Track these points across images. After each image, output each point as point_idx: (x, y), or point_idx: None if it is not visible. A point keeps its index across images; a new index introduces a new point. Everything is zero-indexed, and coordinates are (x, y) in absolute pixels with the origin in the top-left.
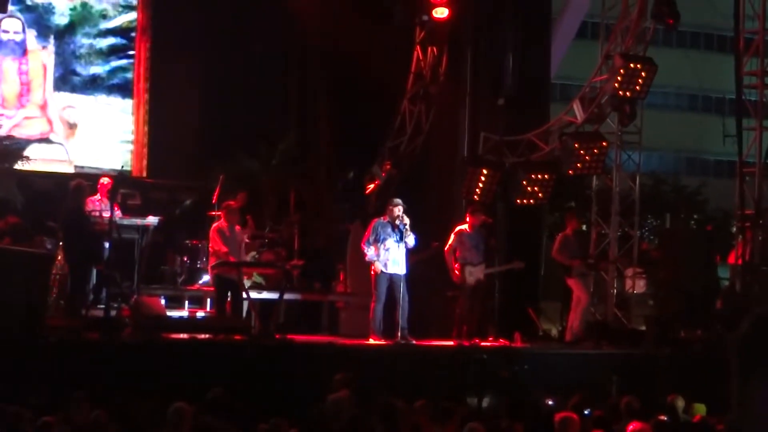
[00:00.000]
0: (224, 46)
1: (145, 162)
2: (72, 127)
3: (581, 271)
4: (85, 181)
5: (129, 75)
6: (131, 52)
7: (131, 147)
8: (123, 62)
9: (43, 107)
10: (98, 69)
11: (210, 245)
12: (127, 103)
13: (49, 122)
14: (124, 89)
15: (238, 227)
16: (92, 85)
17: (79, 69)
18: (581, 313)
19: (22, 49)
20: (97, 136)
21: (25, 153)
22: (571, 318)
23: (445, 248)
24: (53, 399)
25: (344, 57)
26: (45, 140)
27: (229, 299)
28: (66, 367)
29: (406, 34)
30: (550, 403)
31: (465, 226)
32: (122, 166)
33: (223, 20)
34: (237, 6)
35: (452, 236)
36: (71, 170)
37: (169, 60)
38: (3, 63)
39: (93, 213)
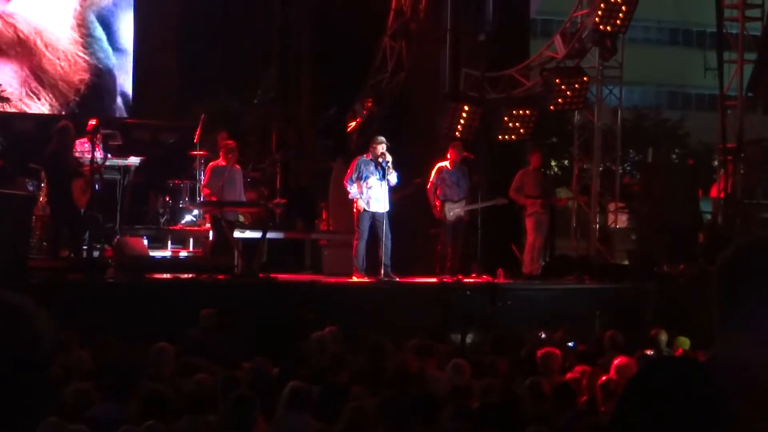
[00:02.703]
0: None
1: None
2: None
3: (535, 211)
4: (71, 122)
5: None
6: None
7: None
8: None
9: None
10: None
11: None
12: None
13: None
14: None
15: (237, 166)
16: None
17: None
18: (536, 255)
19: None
20: None
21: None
22: (526, 259)
23: (427, 185)
24: None
25: None
26: None
27: (212, 238)
28: (49, 308)
29: None
30: (543, 336)
31: (446, 163)
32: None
33: None
34: None
35: (433, 173)
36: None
37: (149, 1)
38: None
39: (80, 155)
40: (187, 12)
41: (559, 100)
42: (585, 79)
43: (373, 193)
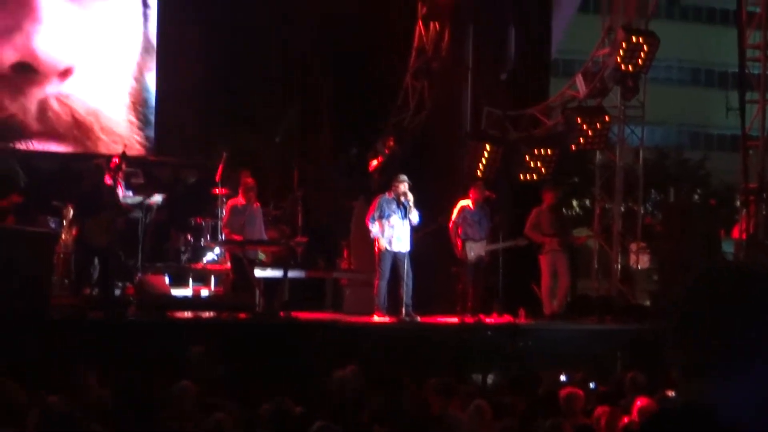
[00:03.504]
0: (227, 22)
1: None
2: None
3: (552, 249)
4: (104, 162)
5: None
6: None
7: None
8: None
9: None
10: None
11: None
12: None
13: None
14: None
15: (257, 204)
16: None
17: None
18: (563, 295)
19: None
20: None
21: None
22: (545, 299)
23: (449, 224)
24: (58, 378)
25: (347, 32)
26: None
27: (233, 276)
28: (71, 345)
29: (409, 9)
30: (563, 378)
31: (468, 202)
32: (124, 146)
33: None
34: None
35: (455, 212)
36: None
37: (172, 39)
38: None
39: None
40: (209, 51)
41: (581, 139)
42: (607, 118)
43: (395, 232)
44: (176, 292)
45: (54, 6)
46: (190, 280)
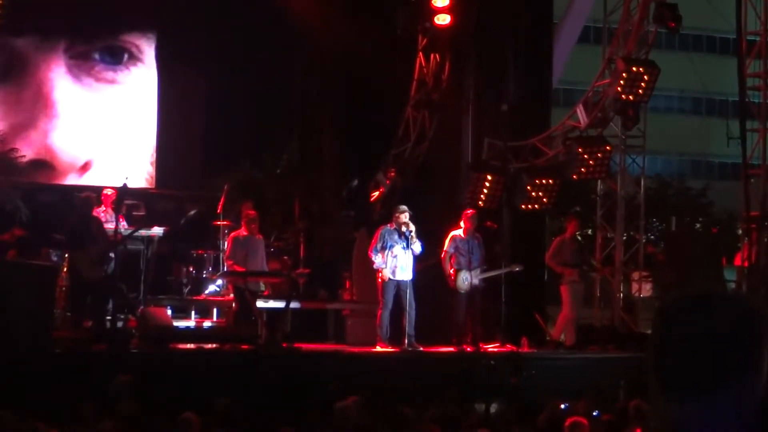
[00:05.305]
0: (229, 56)
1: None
2: None
3: (571, 279)
4: (92, 193)
5: None
6: None
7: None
8: None
9: None
10: None
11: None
12: None
13: None
14: None
15: (259, 236)
16: None
17: None
18: (570, 326)
19: None
20: None
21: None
22: (558, 328)
23: (441, 255)
24: (60, 410)
25: (347, 65)
26: None
27: (236, 308)
28: (73, 378)
29: (409, 41)
30: (563, 407)
31: (459, 232)
32: (126, 178)
33: (228, 31)
34: (241, 17)
35: (447, 242)
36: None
37: (174, 72)
38: None
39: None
40: (211, 84)
41: (582, 169)
42: (607, 148)
43: (398, 262)
44: (178, 324)
45: (69, 98)
46: (193, 312)
